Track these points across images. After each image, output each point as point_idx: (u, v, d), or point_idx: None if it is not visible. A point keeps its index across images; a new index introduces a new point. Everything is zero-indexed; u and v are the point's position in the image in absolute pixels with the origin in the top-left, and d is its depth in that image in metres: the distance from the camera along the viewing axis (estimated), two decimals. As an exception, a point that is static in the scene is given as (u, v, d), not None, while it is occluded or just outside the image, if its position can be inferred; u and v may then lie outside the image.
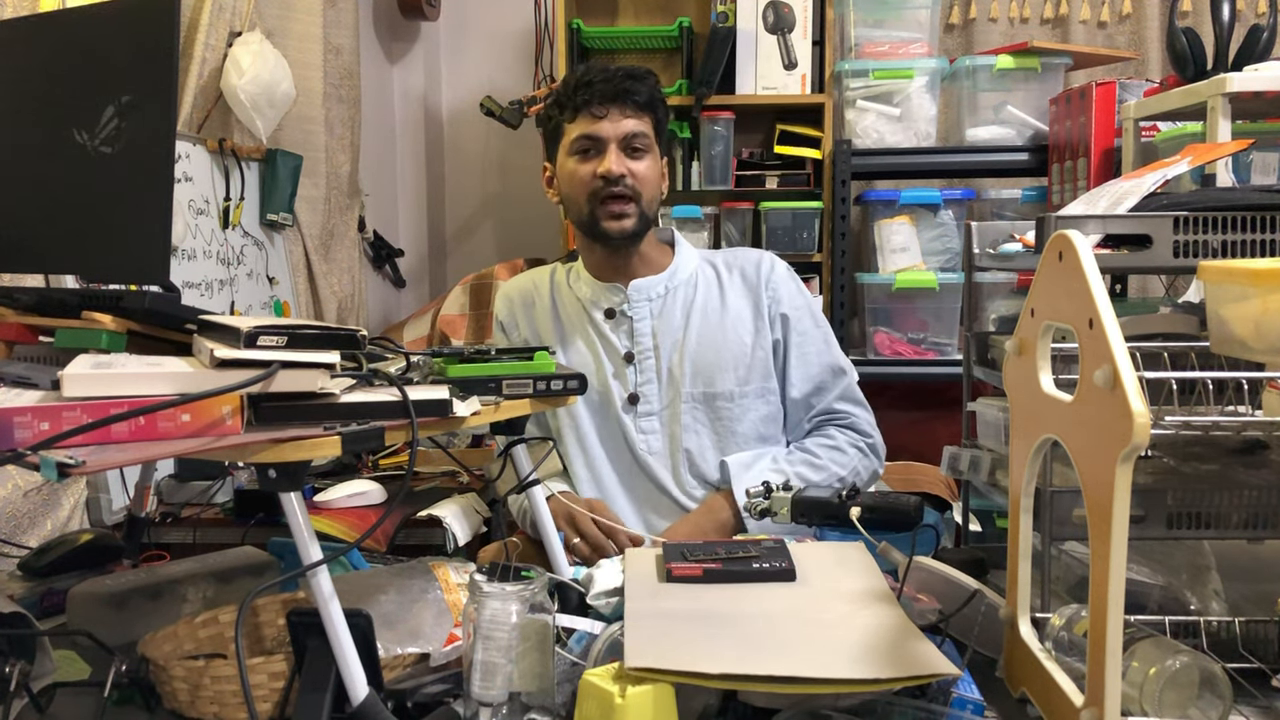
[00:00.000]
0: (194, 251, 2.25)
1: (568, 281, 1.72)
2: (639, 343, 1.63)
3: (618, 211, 1.57)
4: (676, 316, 1.64)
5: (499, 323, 1.75)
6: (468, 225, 3.52)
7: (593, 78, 1.58)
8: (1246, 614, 1.01)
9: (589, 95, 1.57)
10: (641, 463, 1.62)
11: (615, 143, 1.57)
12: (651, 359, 1.63)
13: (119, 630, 1.14)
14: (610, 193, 1.56)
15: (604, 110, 1.56)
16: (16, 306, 1.11)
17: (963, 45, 3.14)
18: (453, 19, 3.43)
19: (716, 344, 1.62)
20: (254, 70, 2.25)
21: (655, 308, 1.65)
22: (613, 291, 1.66)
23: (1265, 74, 1.86)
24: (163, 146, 1.02)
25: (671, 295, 1.65)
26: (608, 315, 1.66)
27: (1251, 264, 0.89)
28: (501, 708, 0.91)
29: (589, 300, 1.67)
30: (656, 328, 1.64)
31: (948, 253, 2.77)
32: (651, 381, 1.62)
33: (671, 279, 1.66)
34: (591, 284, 1.68)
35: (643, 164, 1.58)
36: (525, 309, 1.72)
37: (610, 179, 1.55)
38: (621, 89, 1.56)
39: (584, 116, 1.57)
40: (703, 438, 1.61)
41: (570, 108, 1.59)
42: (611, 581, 1.12)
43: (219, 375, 0.89)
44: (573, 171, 1.59)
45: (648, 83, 1.59)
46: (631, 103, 1.57)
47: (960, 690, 0.93)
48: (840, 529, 1.22)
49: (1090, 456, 0.81)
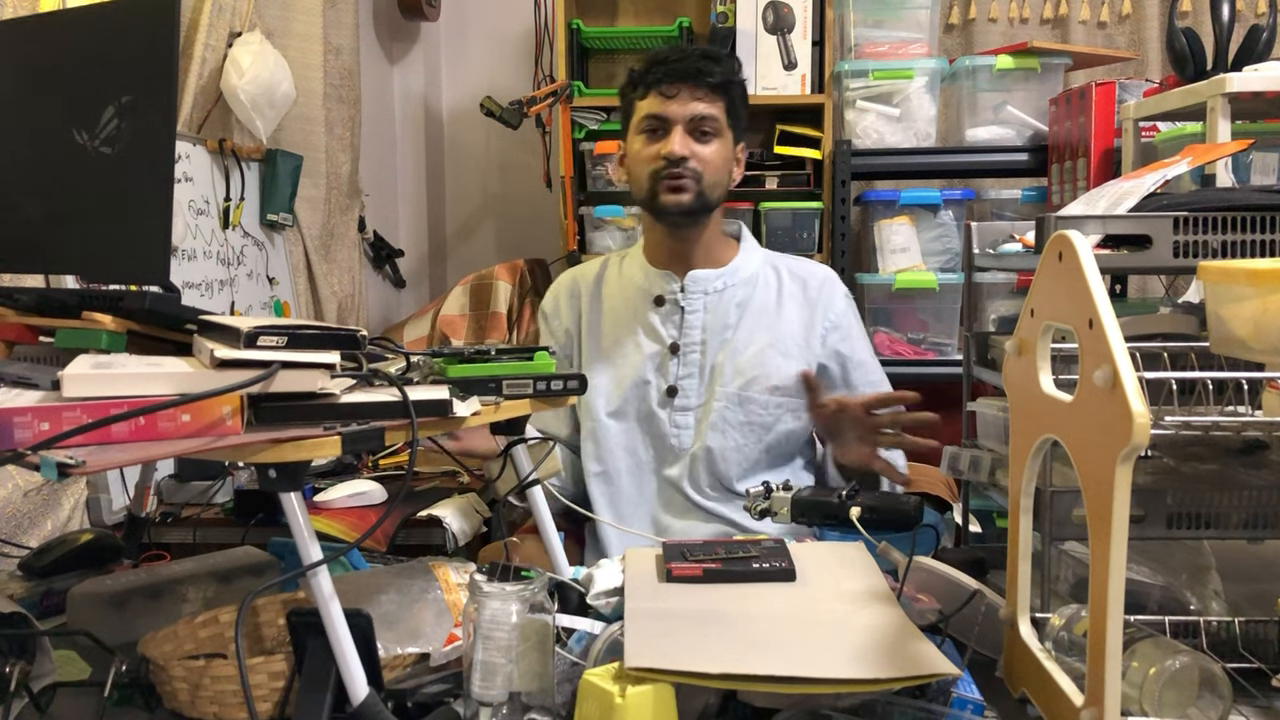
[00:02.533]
0: (194, 252, 2.25)
1: (620, 269, 1.71)
2: (687, 335, 1.62)
3: (677, 185, 1.56)
4: (730, 313, 1.63)
5: (543, 313, 1.75)
6: (468, 225, 3.52)
7: (668, 55, 1.57)
8: (1246, 614, 1.01)
9: (660, 73, 1.55)
10: (667, 457, 1.60)
11: (682, 124, 1.55)
12: (696, 353, 1.61)
13: (119, 630, 1.14)
14: (671, 172, 1.56)
15: (674, 90, 1.55)
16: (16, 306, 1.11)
17: (963, 45, 3.14)
18: (453, 19, 3.43)
19: (762, 347, 1.60)
20: (254, 70, 2.25)
21: (710, 301, 1.63)
22: (667, 279, 1.64)
23: (1265, 74, 1.86)
24: (163, 147, 1.02)
25: (729, 291, 1.64)
26: (657, 303, 1.64)
27: (1251, 264, 0.89)
28: (501, 708, 0.91)
29: (640, 286, 1.66)
30: (707, 322, 1.62)
31: (948, 253, 2.77)
32: (693, 375, 1.60)
33: (731, 275, 1.65)
34: (646, 270, 1.66)
35: (709, 148, 1.57)
36: (571, 298, 1.71)
37: (672, 160, 1.55)
38: (694, 69, 1.54)
39: (654, 95, 1.56)
40: (729, 438, 1.59)
41: (643, 84, 1.58)
42: (611, 581, 1.12)
43: (219, 375, 0.89)
44: (639, 150, 1.60)
45: (724, 65, 1.57)
46: (704, 84, 1.55)
47: (960, 690, 0.94)
48: (840, 529, 1.22)
49: (1090, 457, 0.81)
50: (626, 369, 1.63)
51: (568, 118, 2.80)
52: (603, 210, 2.90)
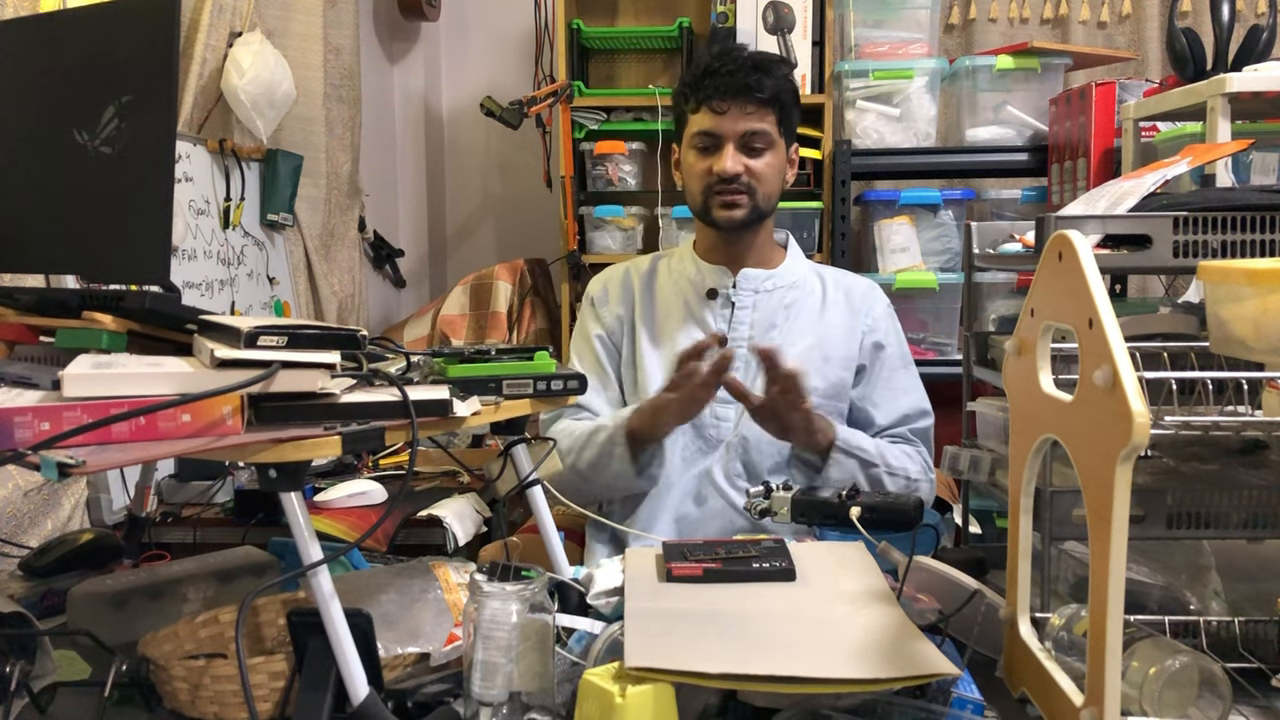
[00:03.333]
0: (194, 251, 2.25)
1: (670, 264, 1.74)
2: (736, 329, 1.64)
3: (730, 201, 1.59)
4: (777, 314, 1.65)
5: (590, 299, 1.76)
6: (468, 225, 3.52)
7: (719, 66, 1.57)
8: (1246, 614, 1.01)
9: (711, 89, 1.56)
10: (704, 447, 1.61)
11: (733, 141, 1.57)
12: (743, 347, 1.62)
13: (119, 630, 1.14)
14: (723, 188, 1.58)
15: (725, 106, 1.56)
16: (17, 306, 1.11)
17: (963, 45, 3.14)
18: (453, 19, 3.43)
19: (806, 348, 1.62)
20: (254, 70, 2.25)
21: (760, 300, 1.66)
22: (721, 274, 1.67)
23: (1265, 74, 1.86)
24: (163, 147, 1.02)
25: (777, 293, 1.67)
26: (709, 295, 1.66)
27: (1250, 264, 0.89)
28: (501, 707, 0.91)
29: (692, 279, 1.68)
30: (756, 319, 1.64)
31: (948, 253, 2.77)
32: (738, 370, 1.60)
33: (780, 278, 1.68)
34: (699, 264, 1.69)
35: (761, 161, 1.59)
36: (623, 286, 1.73)
37: (725, 178, 1.57)
38: (744, 84, 1.55)
39: (705, 110, 1.58)
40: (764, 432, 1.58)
41: (694, 98, 1.59)
42: (611, 581, 1.12)
43: (219, 375, 0.89)
44: (691, 165, 1.62)
45: (775, 75, 1.57)
46: (754, 99, 1.56)
47: (960, 690, 0.93)
48: (840, 529, 1.22)
49: (1090, 456, 0.81)
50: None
51: (568, 118, 2.80)
52: (603, 210, 2.90)
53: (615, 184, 2.95)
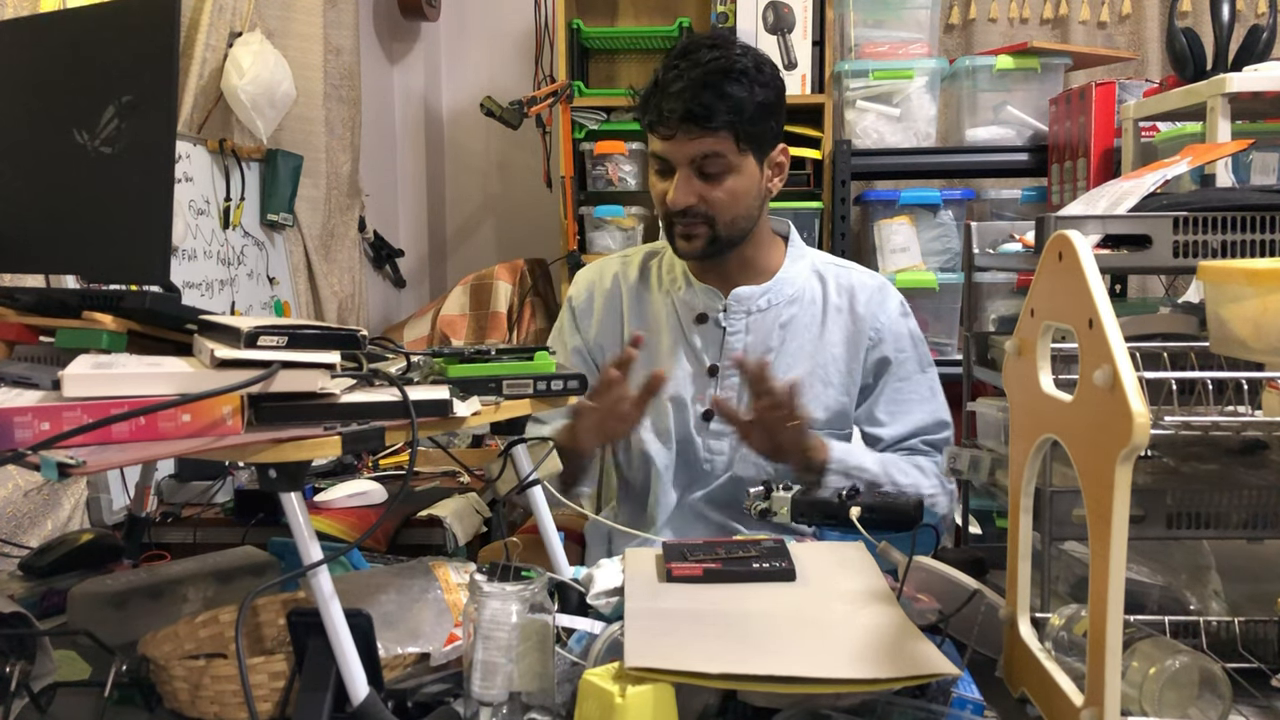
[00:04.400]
0: (194, 252, 2.25)
1: (661, 272, 1.61)
2: (727, 358, 1.53)
3: (686, 234, 1.48)
4: (773, 335, 1.54)
5: (570, 306, 1.64)
6: (468, 225, 3.52)
7: (666, 85, 1.42)
8: (1246, 614, 1.01)
9: (655, 113, 1.44)
10: (697, 480, 1.54)
11: (684, 167, 1.44)
12: (735, 376, 1.52)
13: (119, 630, 1.14)
14: (679, 219, 1.47)
15: (671, 131, 1.43)
16: (17, 306, 1.11)
17: (962, 45, 3.14)
18: (453, 19, 3.43)
19: (804, 373, 1.51)
20: (254, 71, 2.25)
21: (753, 322, 1.54)
22: (711, 296, 1.55)
23: (1265, 74, 1.86)
24: (163, 147, 1.02)
25: (773, 310, 1.55)
26: (699, 320, 1.56)
27: (1250, 264, 0.89)
28: (501, 707, 0.91)
29: (682, 301, 1.57)
30: (749, 344, 1.53)
31: (947, 253, 2.77)
32: (730, 399, 1.51)
33: (776, 292, 1.55)
34: (690, 281, 1.57)
35: (719, 188, 1.44)
36: (611, 299, 1.61)
37: (675, 210, 1.46)
38: (687, 111, 1.40)
39: (655, 133, 1.46)
40: (761, 470, 1.50)
41: (645, 118, 1.47)
42: (611, 581, 1.12)
43: (219, 375, 0.89)
44: (653, 186, 1.51)
45: (728, 94, 1.40)
46: (700, 126, 1.41)
47: (960, 690, 0.93)
48: (840, 529, 1.22)
49: (1090, 456, 0.81)
50: (669, 385, 1.54)
51: (568, 118, 2.80)
52: (603, 210, 2.90)
53: (615, 184, 2.95)
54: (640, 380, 1.43)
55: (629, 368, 1.38)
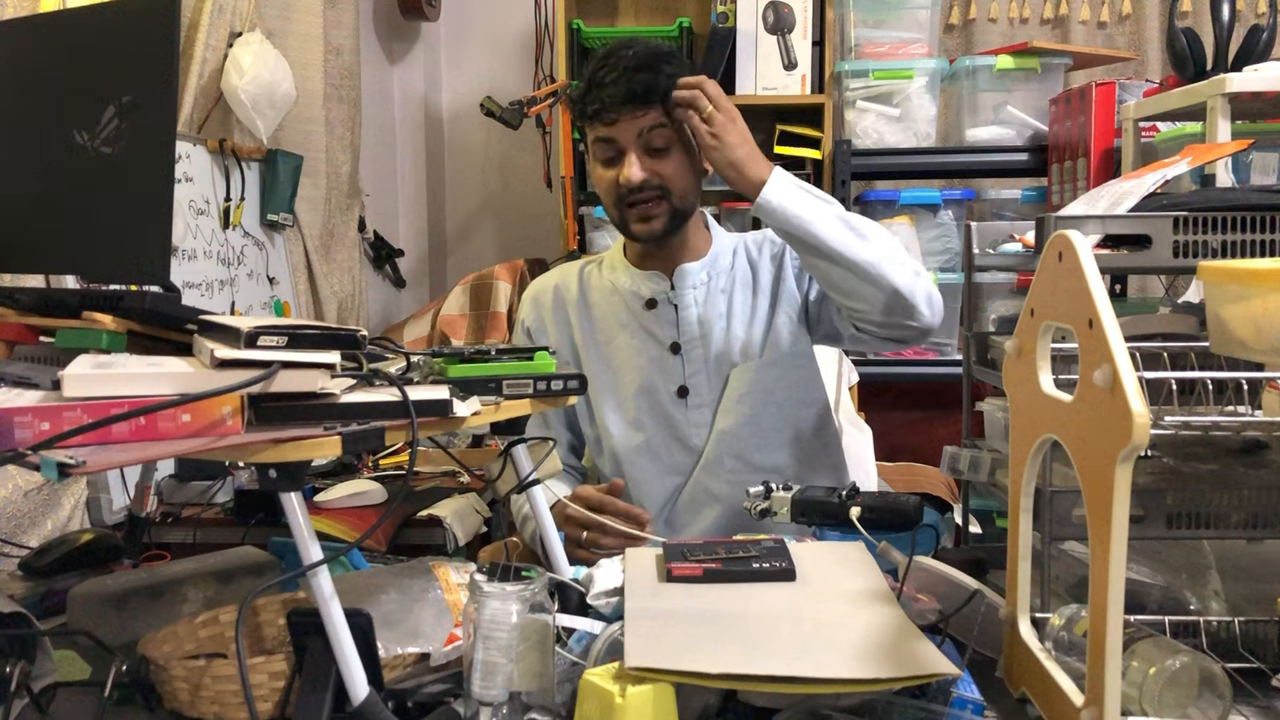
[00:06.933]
0: (194, 251, 2.25)
1: (600, 274, 1.67)
2: (685, 332, 1.59)
3: (645, 214, 1.52)
4: (719, 302, 1.61)
5: (525, 329, 1.69)
6: (468, 225, 3.52)
7: (602, 78, 1.51)
8: (1246, 614, 1.01)
9: (598, 103, 1.50)
10: (690, 456, 1.58)
11: (633, 146, 1.50)
12: (699, 349, 1.58)
13: (119, 630, 1.14)
14: (635, 199, 1.51)
15: (615, 115, 1.50)
16: (17, 306, 1.11)
17: (962, 45, 3.15)
18: (453, 19, 3.43)
19: (749, 319, 1.59)
20: (254, 70, 2.25)
21: (700, 295, 1.61)
22: (655, 279, 1.61)
23: (1265, 74, 1.87)
24: (163, 147, 1.02)
25: (714, 281, 1.62)
26: (648, 305, 1.61)
27: (1251, 264, 0.89)
28: (501, 707, 0.91)
29: (628, 290, 1.63)
30: (702, 315, 1.60)
31: (948, 253, 2.77)
32: (700, 372, 1.58)
33: (714, 265, 1.62)
34: (631, 273, 1.63)
35: (667, 162, 1.51)
36: (556, 311, 1.66)
37: (631, 187, 1.50)
38: (624, 93, 1.48)
39: (599, 122, 1.51)
40: (738, 414, 1.57)
41: (586, 115, 1.53)
42: (611, 581, 1.12)
43: (219, 375, 0.89)
44: (600, 177, 1.55)
45: (662, 72, 1.49)
46: (642, 102, 1.49)
47: (960, 690, 0.93)
48: (840, 529, 1.22)
49: (1090, 456, 0.81)
50: (631, 376, 1.60)
51: (568, 118, 2.80)
52: (603, 210, 2.89)
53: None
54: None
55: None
